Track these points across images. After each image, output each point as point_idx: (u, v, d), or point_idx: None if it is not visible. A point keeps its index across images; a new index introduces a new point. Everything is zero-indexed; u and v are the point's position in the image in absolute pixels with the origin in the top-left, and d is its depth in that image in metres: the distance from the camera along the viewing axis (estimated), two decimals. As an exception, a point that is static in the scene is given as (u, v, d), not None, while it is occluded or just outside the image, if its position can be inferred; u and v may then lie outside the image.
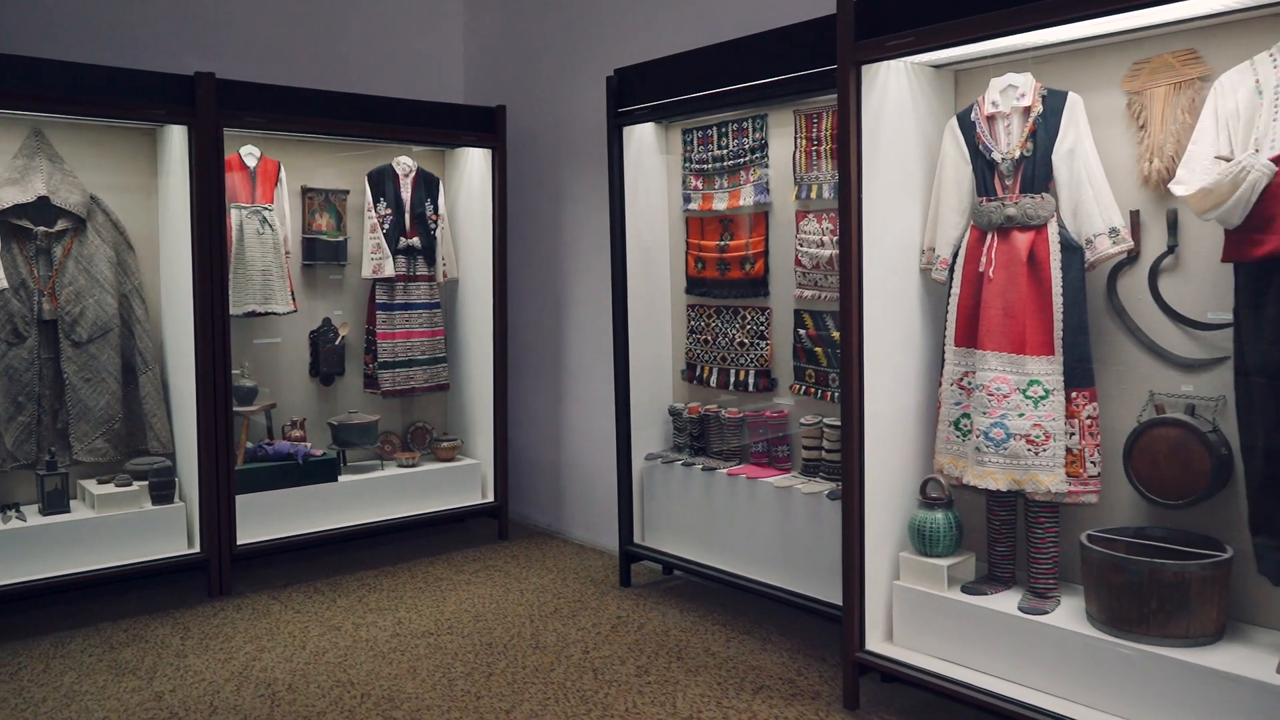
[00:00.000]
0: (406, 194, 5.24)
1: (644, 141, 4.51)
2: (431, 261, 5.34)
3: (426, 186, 5.31)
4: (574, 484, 5.45)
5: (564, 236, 5.41)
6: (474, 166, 5.37)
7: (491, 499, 5.37)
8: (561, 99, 5.35)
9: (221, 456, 4.37)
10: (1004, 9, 2.70)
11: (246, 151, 4.82)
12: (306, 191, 5.17)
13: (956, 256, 3.18)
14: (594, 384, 5.22)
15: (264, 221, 4.81)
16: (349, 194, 5.29)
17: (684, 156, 4.48)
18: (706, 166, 4.36)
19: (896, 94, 3.20)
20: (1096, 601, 2.83)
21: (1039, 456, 2.94)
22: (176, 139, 4.40)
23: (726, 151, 4.27)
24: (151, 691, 3.47)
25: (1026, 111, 3.00)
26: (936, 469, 3.26)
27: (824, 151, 3.86)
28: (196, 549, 4.43)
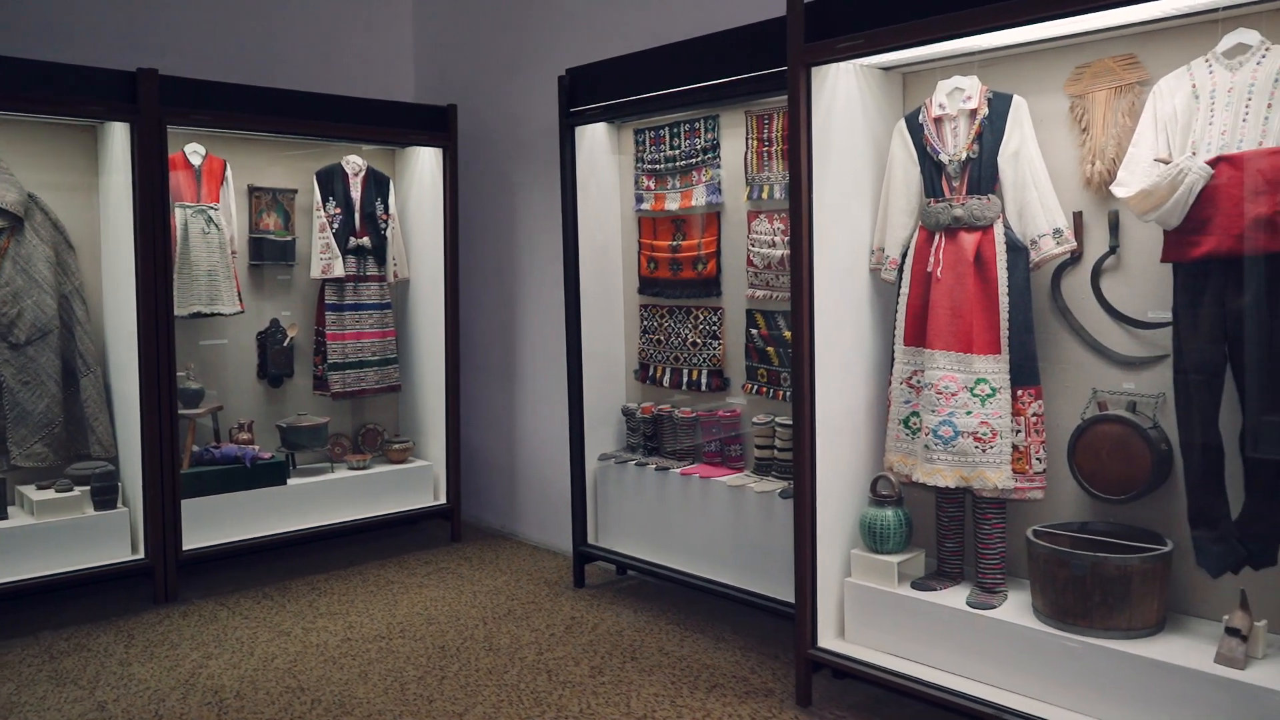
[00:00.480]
0: (356, 193, 5.18)
1: (596, 141, 4.51)
2: (382, 261, 5.29)
3: (377, 186, 5.26)
4: (527, 485, 5.43)
5: (516, 236, 5.38)
6: (425, 166, 5.33)
7: (444, 501, 5.33)
8: (513, 98, 5.33)
9: (166, 460, 4.29)
10: (951, 13, 2.74)
11: (191, 150, 4.74)
12: (253, 190, 5.09)
13: (905, 257, 3.22)
14: (547, 384, 5.20)
15: (209, 221, 4.73)
16: (297, 193, 5.22)
17: (636, 157, 4.48)
18: (659, 167, 4.37)
19: (846, 96, 3.23)
20: (1042, 596, 2.88)
21: (986, 454, 2.99)
22: (118, 136, 4.31)
23: (679, 152, 4.28)
24: (94, 701, 3.39)
25: (973, 114, 3.05)
26: (886, 467, 3.30)
27: (775, 152, 3.89)
28: (141, 555, 4.35)
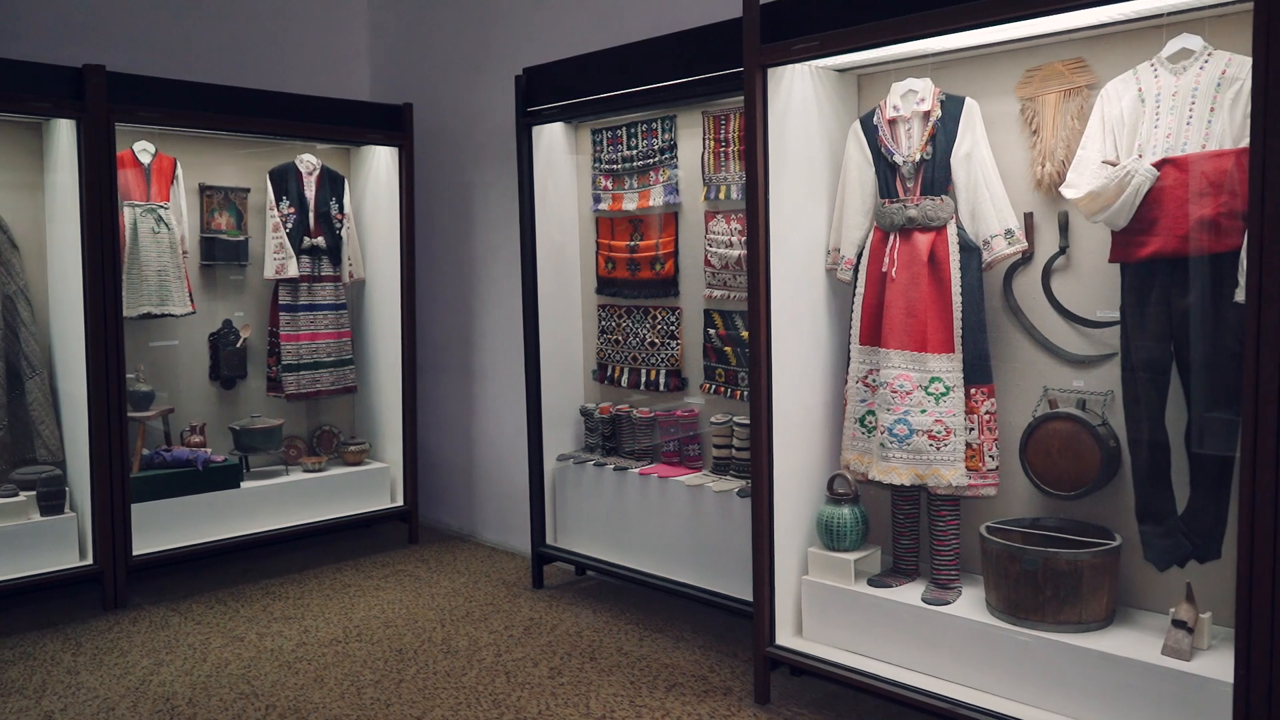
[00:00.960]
0: (310, 192, 5.12)
1: (553, 141, 4.50)
2: (337, 261, 5.23)
3: (331, 185, 5.20)
4: (486, 486, 5.40)
5: (473, 236, 5.35)
6: (380, 165, 5.28)
7: (401, 503, 5.29)
8: (470, 97, 5.30)
9: (115, 464, 4.21)
10: (904, 16, 2.77)
11: (140, 147, 4.65)
12: (205, 189, 5.01)
13: (861, 257, 3.25)
14: (505, 385, 5.18)
15: (159, 220, 4.65)
16: (250, 192, 5.15)
17: (594, 157, 4.48)
18: (616, 167, 4.37)
19: (802, 97, 3.25)
20: (995, 591, 2.92)
21: (940, 451, 3.02)
22: (64, 134, 4.22)
23: (636, 152, 4.29)
24: (40, 711, 3.31)
25: (926, 116, 3.08)
26: (843, 465, 3.32)
27: (732, 153, 3.90)
28: (89, 561, 4.26)
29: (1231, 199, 2.51)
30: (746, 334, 3.81)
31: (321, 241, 5.13)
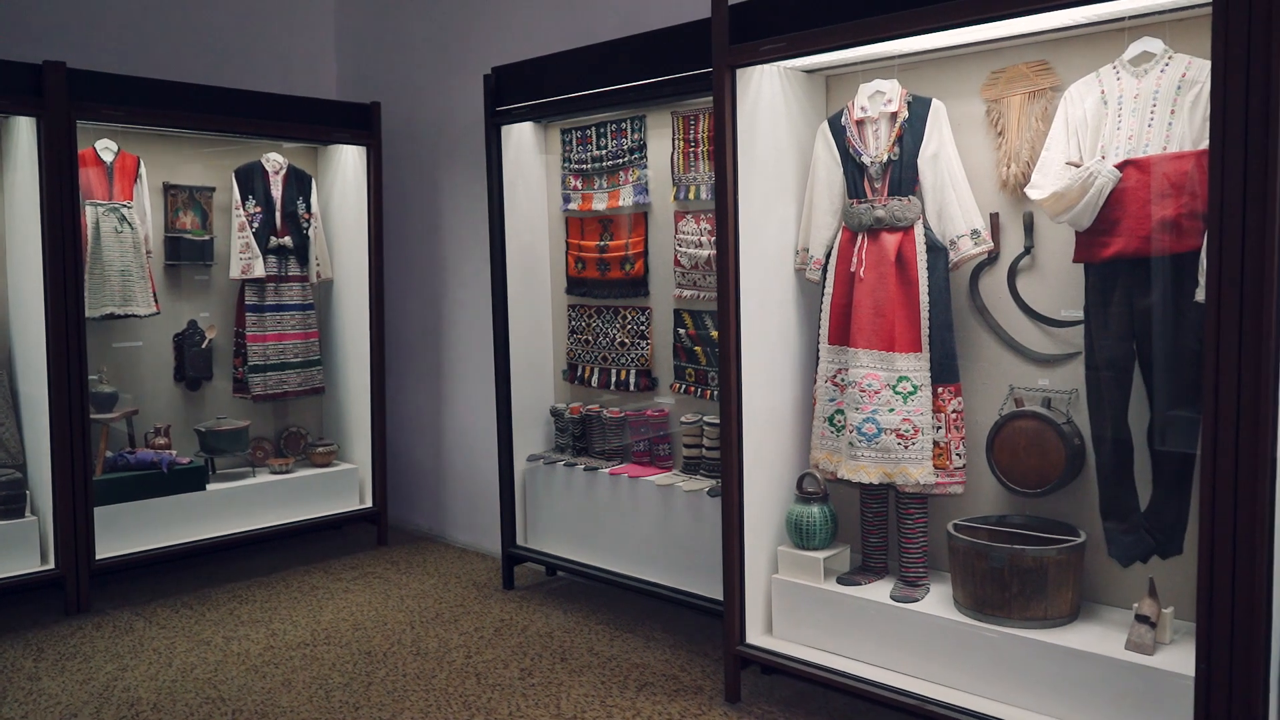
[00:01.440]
0: (277, 192, 5.07)
1: (523, 141, 4.48)
2: (304, 261, 5.18)
3: (298, 184, 5.15)
4: (455, 487, 5.38)
5: (442, 236, 5.33)
6: (348, 164, 5.24)
7: (370, 504, 5.25)
8: (439, 96, 5.27)
9: (78, 466, 4.15)
10: (871, 18, 2.79)
11: (102, 146, 4.59)
12: (169, 188, 4.95)
13: (829, 257, 3.27)
14: (475, 385, 5.16)
15: (122, 219, 4.59)
16: (215, 191, 5.09)
17: (563, 156, 4.47)
18: (586, 167, 4.36)
19: (770, 98, 3.26)
20: (962, 588, 2.95)
21: (908, 450, 3.05)
22: (24, 132, 4.15)
23: (605, 152, 4.28)
24: (0, 719, 3.26)
25: (893, 117, 3.11)
26: (812, 464, 3.34)
27: (701, 153, 3.91)
28: (51, 565, 4.19)
29: (1192, 200, 2.55)
30: (716, 334, 3.82)
31: (288, 241, 5.09)
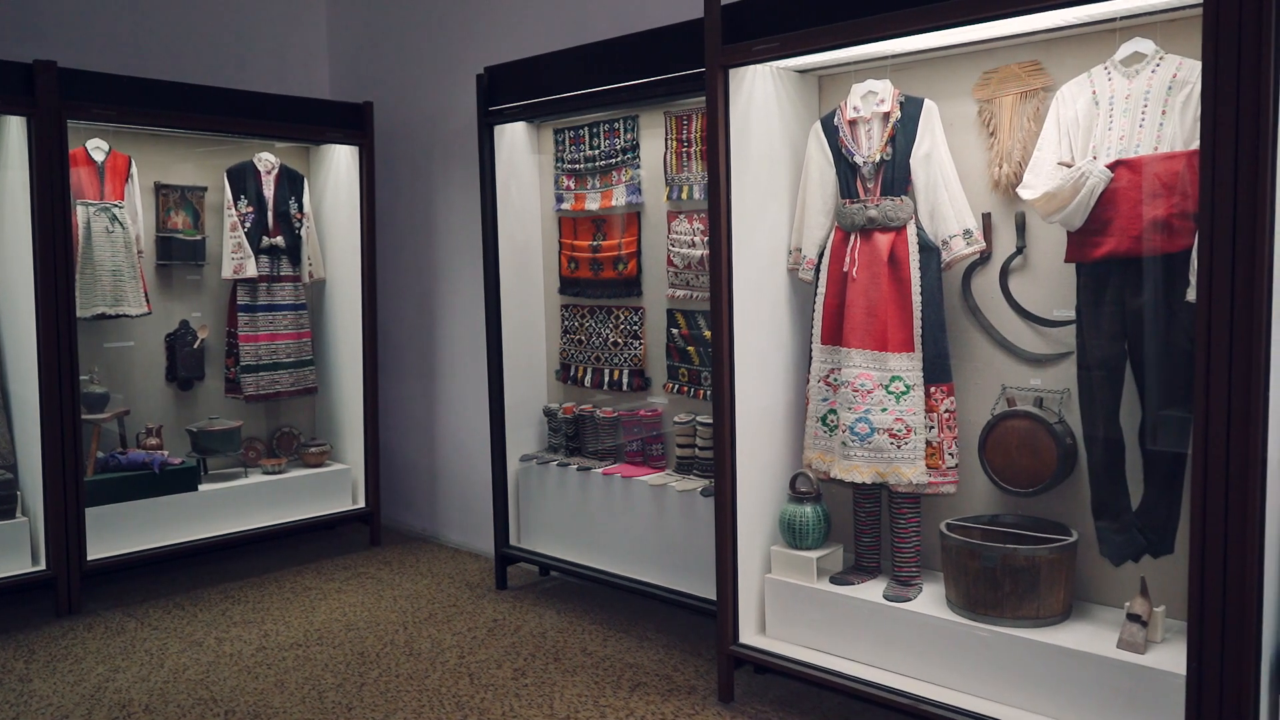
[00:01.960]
0: (269, 191, 5.06)
1: (515, 140, 4.48)
2: (296, 261, 5.17)
3: (290, 184, 5.14)
4: (448, 487, 5.37)
5: (435, 236, 5.32)
6: (341, 164, 5.23)
7: (363, 504, 5.24)
8: (431, 96, 5.26)
9: (69, 467, 4.13)
10: (863, 18, 2.79)
11: (93, 145, 4.57)
12: (161, 188, 4.93)
13: (822, 257, 3.27)
14: (468, 385, 5.15)
15: (114, 219, 4.57)
16: (207, 191, 5.08)
17: (556, 156, 4.47)
18: (578, 166, 4.36)
19: (763, 98, 3.26)
20: (955, 587, 2.95)
21: (901, 450, 3.05)
22: (14, 131, 4.13)
23: (598, 152, 4.28)
24: (-8, 720, 3.26)
25: (886, 117, 3.11)
26: (805, 464, 3.34)
27: (694, 153, 3.91)
28: (42, 566, 4.18)
29: (1183, 200, 2.56)
30: (709, 334, 3.82)
31: (280, 241, 5.08)
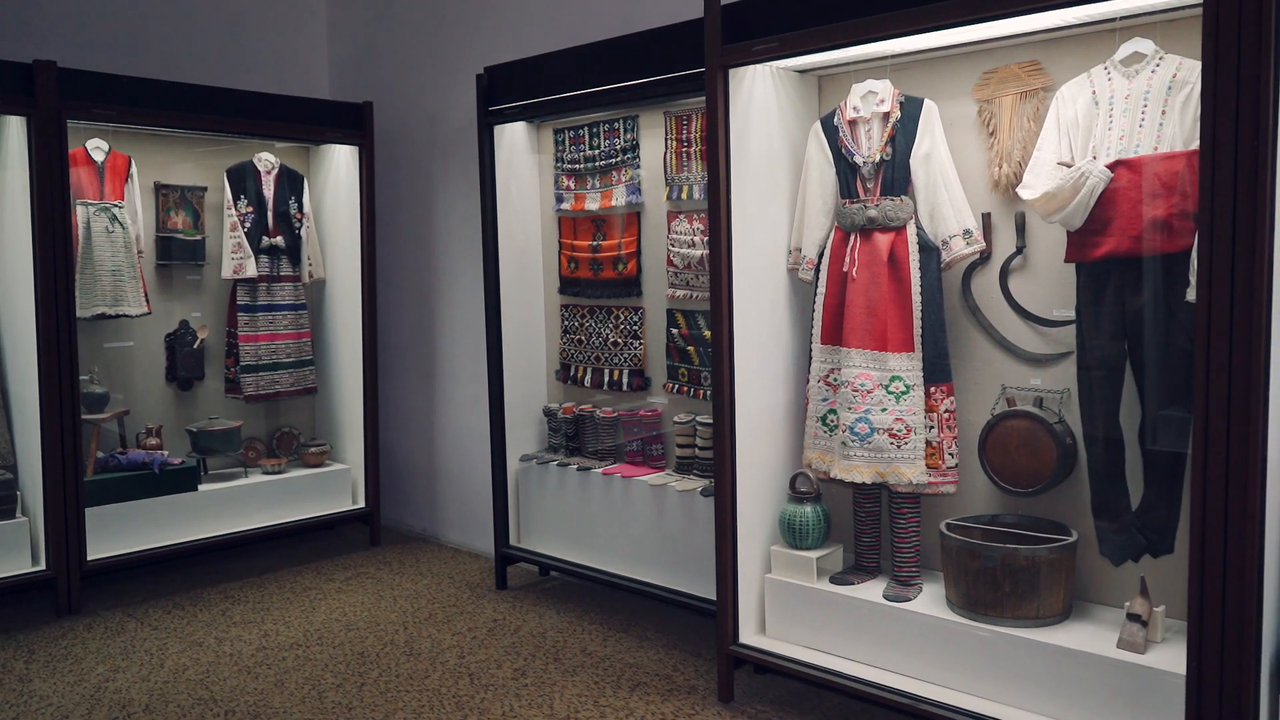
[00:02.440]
0: (269, 191, 5.06)
1: (515, 140, 4.48)
2: (296, 261, 5.17)
3: (290, 184, 5.14)
4: (448, 487, 5.37)
5: (435, 236, 5.32)
6: (340, 164, 5.23)
7: (363, 504, 5.24)
8: (431, 96, 5.26)
9: (69, 467, 4.13)
10: (863, 18, 2.79)
11: (93, 145, 4.57)
12: (160, 188, 4.93)
13: (822, 257, 3.27)
14: (468, 385, 5.15)
15: (113, 219, 4.57)
16: (207, 191, 5.08)
17: (556, 156, 4.47)
18: (578, 166, 4.36)
19: (763, 98, 3.26)
20: (955, 587, 2.95)
21: (901, 450, 3.05)
22: (14, 131, 4.13)
23: (598, 152, 4.28)
24: (-8, 720, 3.26)
25: (885, 117, 3.11)
26: (805, 464, 3.34)
27: (694, 153, 3.91)
28: (42, 566, 4.18)
29: (1183, 200, 2.56)
30: (709, 334, 3.82)
31: (280, 241, 5.08)
